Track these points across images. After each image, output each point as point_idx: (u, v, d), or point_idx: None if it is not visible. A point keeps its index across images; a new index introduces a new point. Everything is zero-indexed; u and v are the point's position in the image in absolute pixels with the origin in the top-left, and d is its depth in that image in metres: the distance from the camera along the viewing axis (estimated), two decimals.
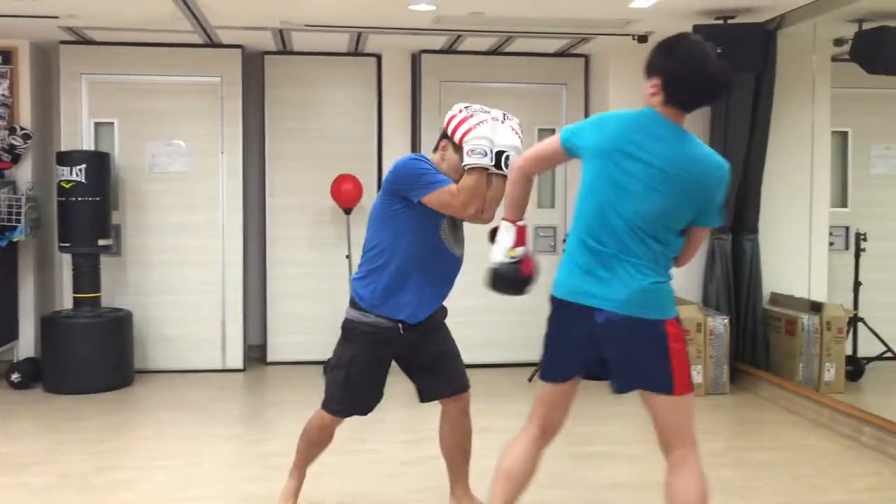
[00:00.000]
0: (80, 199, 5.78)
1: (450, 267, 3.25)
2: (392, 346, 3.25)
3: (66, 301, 6.19)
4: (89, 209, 5.82)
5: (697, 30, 5.29)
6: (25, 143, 6.05)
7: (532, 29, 5.72)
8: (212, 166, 6.35)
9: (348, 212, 6.31)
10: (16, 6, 5.12)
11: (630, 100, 6.19)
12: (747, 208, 5.94)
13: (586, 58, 6.65)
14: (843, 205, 6.03)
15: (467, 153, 3.04)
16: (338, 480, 3.96)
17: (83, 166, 5.77)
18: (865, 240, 5.72)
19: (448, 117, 3.15)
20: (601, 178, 2.65)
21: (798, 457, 4.44)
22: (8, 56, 6.08)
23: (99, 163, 5.91)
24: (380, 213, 3.21)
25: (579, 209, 2.73)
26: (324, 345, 4.45)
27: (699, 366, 5.68)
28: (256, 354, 6.68)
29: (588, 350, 2.70)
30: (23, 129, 6.06)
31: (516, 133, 3.13)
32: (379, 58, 6.59)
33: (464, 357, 3.43)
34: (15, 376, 5.79)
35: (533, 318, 3.69)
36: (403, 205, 3.13)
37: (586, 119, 2.83)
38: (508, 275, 2.88)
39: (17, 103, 6.10)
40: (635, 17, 5.36)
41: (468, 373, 3.41)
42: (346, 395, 3.28)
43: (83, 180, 5.77)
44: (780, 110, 5.73)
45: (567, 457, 4.31)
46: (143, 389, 5.87)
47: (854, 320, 5.64)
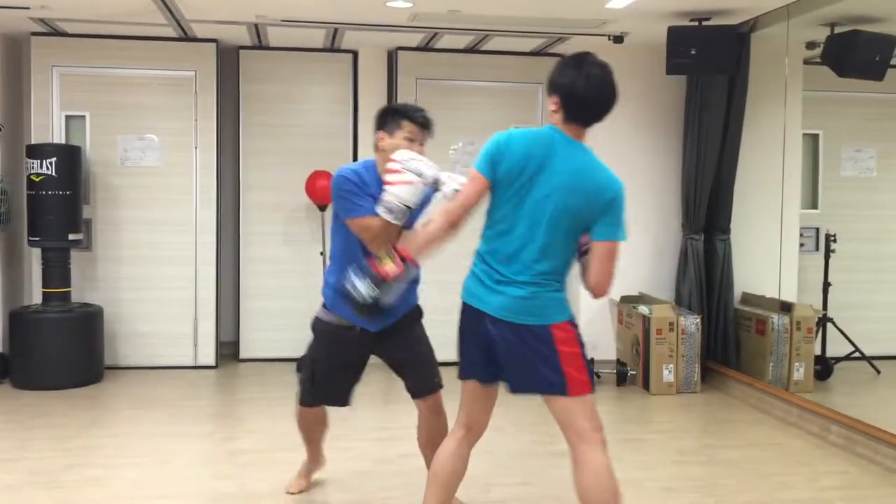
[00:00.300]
0: (50, 192, 5.72)
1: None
2: (354, 346, 3.32)
3: (34, 296, 6.11)
4: (59, 203, 5.75)
5: (672, 31, 5.34)
6: None
7: (509, 28, 5.73)
8: (185, 161, 6.29)
9: (323, 208, 6.28)
10: None
11: None
12: (720, 209, 6.00)
13: (562, 57, 6.66)
14: (814, 206, 6.11)
15: (380, 202, 3.04)
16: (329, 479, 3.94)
17: (53, 160, 5.71)
18: (835, 241, 5.79)
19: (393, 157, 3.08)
20: (502, 195, 2.74)
21: (767, 455, 4.48)
22: None
23: (70, 156, 5.85)
24: (333, 219, 3.30)
25: (487, 220, 2.81)
26: (297, 342, 4.43)
27: (671, 364, 5.73)
28: (229, 351, 6.63)
29: (486, 351, 2.79)
30: None
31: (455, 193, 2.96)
32: (355, 54, 6.57)
33: (448, 355, 3.41)
34: None
35: None
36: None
37: (492, 142, 2.77)
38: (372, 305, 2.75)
39: None
40: (611, 18, 5.39)
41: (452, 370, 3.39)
42: (314, 391, 3.43)
43: (53, 174, 5.70)
44: (753, 112, 5.79)
45: (541, 455, 4.36)
46: (113, 386, 5.81)
47: (823, 320, 5.71)
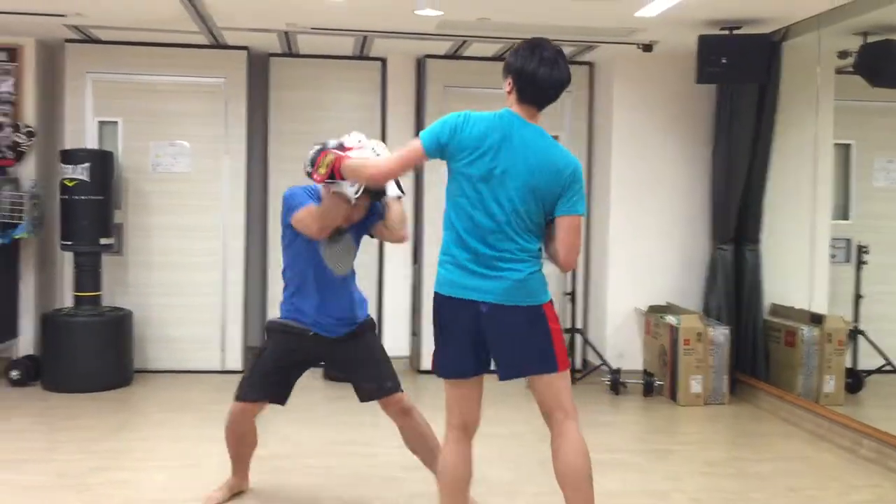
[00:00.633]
0: (82, 197, 5.79)
1: (339, 283, 3.46)
2: (306, 348, 3.52)
3: (66, 299, 6.19)
4: (92, 208, 5.83)
5: (703, 40, 5.30)
6: (29, 141, 6.06)
7: (538, 36, 5.71)
8: (215, 167, 6.35)
9: None
10: (22, 4, 5.13)
11: (634, 108, 6.26)
12: (749, 219, 5.95)
13: (591, 65, 6.66)
14: (845, 217, 6.03)
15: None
16: (336, 484, 3.96)
17: (87, 165, 5.78)
18: (867, 252, 5.72)
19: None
20: (466, 179, 2.80)
21: (796, 468, 4.43)
22: (13, 54, 6.08)
23: (102, 162, 5.92)
24: (281, 240, 3.52)
25: (450, 211, 2.86)
26: None
27: (699, 375, 5.67)
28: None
29: (472, 343, 2.83)
30: (27, 126, 6.06)
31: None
32: (384, 62, 6.60)
33: None
34: (14, 374, 5.79)
35: None
36: (291, 230, 3.42)
37: (443, 121, 2.87)
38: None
39: (22, 101, 6.10)
40: (640, 27, 5.37)
41: None
42: (262, 383, 3.56)
43: (86, 179, 5.78)
44: (784, 121, 5.74)
45: None
46: (142, 389, 5.87)
47: (854, 332, 5.63)
